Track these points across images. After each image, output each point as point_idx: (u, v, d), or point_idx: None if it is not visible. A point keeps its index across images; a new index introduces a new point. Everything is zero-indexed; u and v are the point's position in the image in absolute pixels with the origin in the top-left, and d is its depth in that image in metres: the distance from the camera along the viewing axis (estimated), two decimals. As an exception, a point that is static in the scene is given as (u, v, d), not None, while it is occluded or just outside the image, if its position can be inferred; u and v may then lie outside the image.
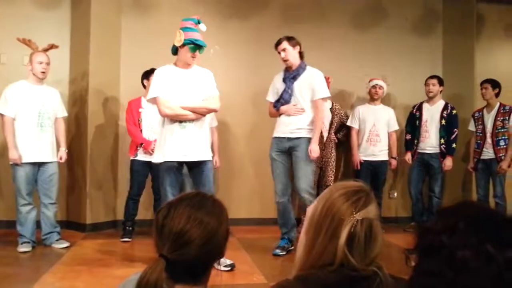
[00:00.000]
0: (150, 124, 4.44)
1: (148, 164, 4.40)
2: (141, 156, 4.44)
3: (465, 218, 0.78)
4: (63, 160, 4.26)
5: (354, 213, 1.06)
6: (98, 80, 4.90)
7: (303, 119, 3.96)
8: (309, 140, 3.93)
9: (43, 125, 4.08)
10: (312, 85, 3.94)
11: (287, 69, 4.04)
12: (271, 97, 4.12)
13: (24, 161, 3.98)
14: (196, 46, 3.40)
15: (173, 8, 5.19)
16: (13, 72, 4.49)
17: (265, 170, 5.36)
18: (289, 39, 3.98)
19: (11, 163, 4.00)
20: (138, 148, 4.44)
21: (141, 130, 4.45)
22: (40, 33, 4.66)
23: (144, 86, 4.53)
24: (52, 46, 4.18)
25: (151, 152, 4.32)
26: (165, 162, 3.40)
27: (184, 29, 3.41)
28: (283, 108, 4.01)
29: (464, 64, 5.69)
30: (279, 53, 3.99)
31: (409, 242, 0.94)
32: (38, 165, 4.10)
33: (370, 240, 1.07)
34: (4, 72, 4.45)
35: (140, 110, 4.46)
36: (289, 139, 3.98)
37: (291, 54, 3.96)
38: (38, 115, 4.06)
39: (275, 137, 4.08)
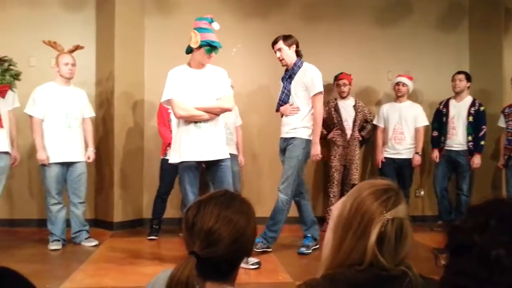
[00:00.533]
0: None
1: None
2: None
3: (496, 215, 0.77)
4: (91, 160, 4.35)
5: (384, 212, 1.05)
6: (123, 80, 4.98)
7: (298, 119, 3.91)
8: (302, 140, 3.88)
9: (70, 125, 4.17)
10: (304, 82, 3.88)
11: (286, 69, 4.02)
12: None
13: (53, 161, 4.08)
14: (212, 48, 3.40)
15: (196, 6, 5.22)
16: (42, 74, 4.60)
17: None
18: (286, 38, 3.95)
19: (39, 163, 4.11)
20: (168, 148, 4.51)
21: (170, 131, 4.52)
22: (66, 34, 4.76)
23: None
24: (77, 47, 4.27)
25: None
26: (182, 162, 3.44)
27: (199, 29, 3.42)
28: (281, 109, 4.01)
29: (492, 59, 5.55)
30: (275, 52, 3.96)
31: (438, 241, 0.93)
32: (67, 165, 4.19)
33: (400, 240, 1.06)
34: (34, 75, 4.57)
35: (169, 111, 4.51)
36: (285, 139, 3.97)
37: (287, 53, 3.93)
38: (65, 115, 4.15)
39: (280, 138, 4.10)
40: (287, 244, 4.25)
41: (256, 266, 3.42)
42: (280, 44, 3.93)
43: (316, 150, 3.89)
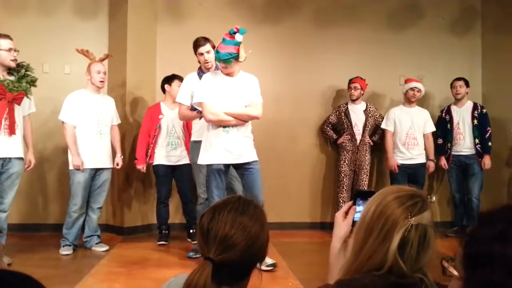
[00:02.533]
0: (173, 129, 4.53)
1: (171, 167, 4.52)
2: (163, 161, 4.54)
3: (512, 223, 0.75)
4: (119, 166, 4.41)
5: (409, 217, 1.04)
6: (135, 87, 5.02)
7: None
8: None
9: (102, 132, 4.24)
10: None
11: (203, 71, 3.94)
12: (186, 100, 3.87)
13: (84, 167, 4.14)
14: (218, 58, 3.50)
15: (207, 14, 5.26)
16: (55, 81, 4.66)
17: (299, 173, 5.35)
18: (210, 40, 3.92)
19: (71, 168, 4.15)
20: (155, 152, 4.53)
21: (154, 136, 4.52)
22: (79, 42, 4.78)
23: (164, 91, 4.66)
24: (107, 56, 4.36)
25: (141, 169, 4.52)
26: (211, 164, 3.54)
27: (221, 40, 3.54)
28: None
29: (506, 63, 5.48)
30: (202, 54, 3.89)
31: (451, 248, 0.91)
32: (95, 171, 4.24)
33: (423, 247, 1.05)
34: (47, 80, 4.62)
35: (160, 116, 4.52)
36: None
37: (213, 57, 3.88)
38: (97, 122, 4.22)
39: (197, 141, 3.92)
40: (297, 249, 4.23)
41: (272, 267, 3.50)
42: (209, 46, 3.90)
43: None
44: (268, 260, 3.48)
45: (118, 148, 4.43)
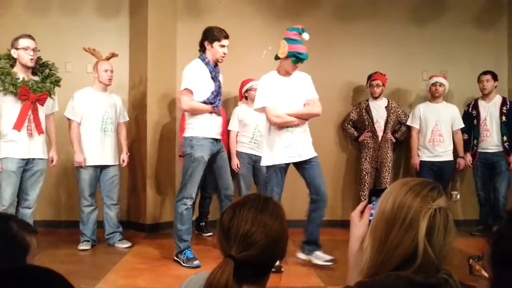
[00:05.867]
0: None
1: None
2: None
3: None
4: (125, 163, 4.47)
5: (431, 202, 1.03)
6: (156, 84, 5.07)
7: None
8: None
9: (106, 130, 4.29)
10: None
11: (209, 64, 3.71)
12: (196, 87, 3.64)
13: (88, 164, 4.20)
14: (298, 59, 3.51)
15: (227, 11, 5.26)
16: (77, 80, 4.73)
17: (326, 170, 5.30)
18: None
19: (76, 165, 4.23)
20: None
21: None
22: (101, 41, 4.87)
23: None
24: (112, 55, 4.41)
25: None
26: (274, 164, 3.58)
27: (288, 40, 3.52)
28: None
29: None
30: (224, 46, 3.70)
31: (476, 247, 0.89)
32: (101, 168, 4.30)
33: (447, 230, 1.03)
34: (69, 80, 4.69)
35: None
36: (218, 141, 3.83)
37: None
38: (101, 120, 4.27)
39: (208, 138, 3.68)
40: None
41: (330, 263, 3.54)
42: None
43: None
44: (326, 256, 3.57)
45: (124, 145, 4.49)
